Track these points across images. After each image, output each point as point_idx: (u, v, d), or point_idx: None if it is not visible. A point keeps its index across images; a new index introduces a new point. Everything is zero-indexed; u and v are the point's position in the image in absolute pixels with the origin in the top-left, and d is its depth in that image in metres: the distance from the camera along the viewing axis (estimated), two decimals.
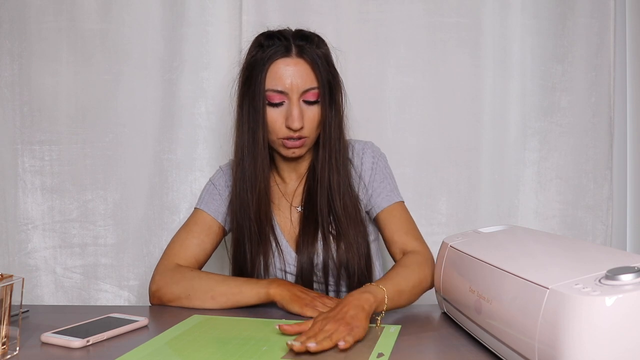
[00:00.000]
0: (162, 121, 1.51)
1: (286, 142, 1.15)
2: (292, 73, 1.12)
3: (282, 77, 1.12)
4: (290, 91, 1.12)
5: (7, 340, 0.79)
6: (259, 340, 0.86)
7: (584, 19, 1.52)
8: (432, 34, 1.51)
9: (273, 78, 1.12)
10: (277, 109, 1.13)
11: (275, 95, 1.12)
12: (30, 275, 1.50)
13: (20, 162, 1.51)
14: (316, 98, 1.14)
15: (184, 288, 1.10)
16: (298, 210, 1.22)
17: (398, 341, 0.85)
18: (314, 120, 1.15)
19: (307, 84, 1.13)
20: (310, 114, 1.14)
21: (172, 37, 1.50)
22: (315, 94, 1.14)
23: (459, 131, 1.52)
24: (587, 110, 1.53)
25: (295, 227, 1.21)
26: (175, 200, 1.51)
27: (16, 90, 1.51)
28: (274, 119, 1.14)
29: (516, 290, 0.71)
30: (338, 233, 1.17)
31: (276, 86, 1.12)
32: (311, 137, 1.17)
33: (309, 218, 1.19)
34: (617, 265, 0.63)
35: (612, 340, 0.57)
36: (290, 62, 1.13)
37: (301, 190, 1.24)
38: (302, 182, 1.24)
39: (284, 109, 1.13)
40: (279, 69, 1.12)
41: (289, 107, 1.13)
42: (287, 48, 1.13)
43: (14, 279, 0.79)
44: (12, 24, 1.50)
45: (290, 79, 1.12)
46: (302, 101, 1.13)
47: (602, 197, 1.53)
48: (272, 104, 1.13)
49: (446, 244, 0.99)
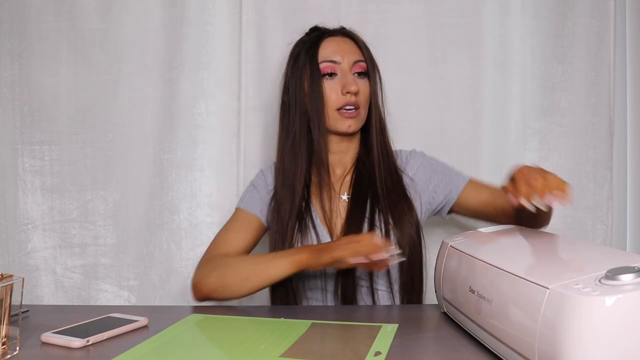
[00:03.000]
0: (162, 121, 1.51)
1: (343, 113, 1.21)
2: (342, 46, 1.24)
3: (335, 50, 1.23)
4: (342, 61, 1.22)
5: (7, 340, 0.79)
6: (257, 339, 0.86)
7: (584, 19, 1.52)
8: (432, 34, 1.51)
9: (326, 51, 1.23)
10: (331, 81, 1.22)
11: (329, 66, 1.22)
12: (30, 275, 1.50)
13: (20, 162, 1.51)
14: (365, 70, 1.24)
15: (218, 276, 1.10)
16: (344, 199, 1.24)
17: (398, 341, 0.85)
18: (365, 93, 1.24)
19: (356, 56, 1.24)
20: (363, 85, 1.23)
21: (172, 37, 1.50)
22: (364, 66, 1.24)
23: (459, 131, 1.52)
24: (587, 110, 1.53)
25: (341, 216, 1.22)
26: (175, 200, 1.51)
27: (16, 90, 1.50)
28: (329, 90, 1.21)
29: (516, 290, 0.71)
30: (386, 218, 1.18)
31: (329, 57, 1.22)
32: (363, 110, 1.24)
33: (357, 205, 1.21)
34: (617, 265, 0.63)
35: (612, 340, 0.57)
36: (337, 39, 1.26)
37: (349, 179, 1.26)
38: (350, 172, 1.27)
39: (338, 80, 1.21)
40: (329, 44, 1.24)
41: (342, 76, 1.22)
42: (333, 31, 1.28)
43: (14, 279, 0.79)
44: (12, 24, 1.49)
45: (342, 50, 1.23)
46: (354, 73, 1.23)
47: (602, 197, 1.53)
48: (327, 74, 1.21)
49: (446, 243, 0.99)
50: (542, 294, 0.64)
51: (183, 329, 0.92)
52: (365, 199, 1.21)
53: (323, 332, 0.92)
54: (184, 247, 1.50)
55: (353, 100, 1.20)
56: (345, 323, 0.96)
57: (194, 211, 1.51)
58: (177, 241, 1.50)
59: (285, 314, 1.00)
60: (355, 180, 1.25)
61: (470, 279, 0.85)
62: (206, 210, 1.51)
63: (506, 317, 0.73)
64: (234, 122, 1.51)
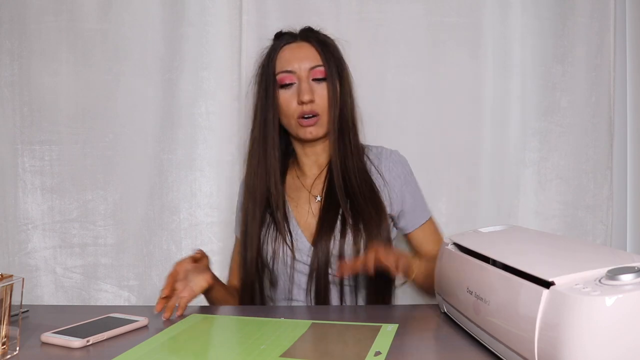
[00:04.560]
0: (162, 121, 1.51)
1: (301, 121, 1.20)
2: (298, 54, 1.22)
3: (290, 59, 1.22)
4: (299, 69, 1.21)
5: (7, 340, 0.79)
6: (258, 339, 0.86)
7: (584, 19, 1.52)
8: (432, 34, 1.51)
9: (281, 61, 1.22)
10: (289, 91, 1.21)
11: (285, 77, 1.21)
12: (30, 275, 1.50)
13: (20, 162, 1.51)
14: (324, 75, 1.21)
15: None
16: (317, 200, 1.24)
17: (398, 341, 0.85)
18: (324, 97, 1.21)
19: (313, 62, 1.22)
20: (321, 91, 1.21)
21: (172, 37, 1.50)
22: (322, 71, 1.22)
23: (459, 131, 1.52)
24: (587, 110, 1.53)
25: (314, 217, 1.22)
26: (175, 200, 1.51)
27: (16, 90, 1.51)
28: (287, 100, 1.21)
29: (516, 290, 0.71)
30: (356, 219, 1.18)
31: (284, 67, 1.21)
32: (324, 115, 1.22)
33: (329, 206, 1.21)
34: (617, 265, 0.63)
35: (612, 340, 0.57)
36: (295, 46, 1.24)
37: (322, 180, 1.26)
38: (323, 173, 1.27)
39: (295, 90, 1.20)
40: (286, 53, 1.23)
41: (298, 85, 1.21)
42: (293, 36, 1.26)
43: (14, 279, 0.79)
44: (12, 23, 1.50)
45: (297, 59, 1.21)
46: (312, 80, 1.21)
47: (602, 197, 1.53)
48: (283, 85, 1.21)
49: (445, 243, 0.99)
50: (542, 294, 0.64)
51: (183, 329, 0.92)
52: (337, 201, 1.21)
53: (323, 332, 0.92)
54: (184, 247, 1.50)
55: (309, 108, 1.19)
56: (346, 323, 0.96)
57: (194, 211, 1.51)
58: (177, 241, 1.50)
59: (286, 315, 1.00)
60: (328, 182, 1.25)
61: (468, 280, 0.85)
62: (206, 210, 1.51)
63: (506, 317, 0.72)
64: (234, 122, 1.51)
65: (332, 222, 1.19)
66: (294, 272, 1.19)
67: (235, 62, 1.51)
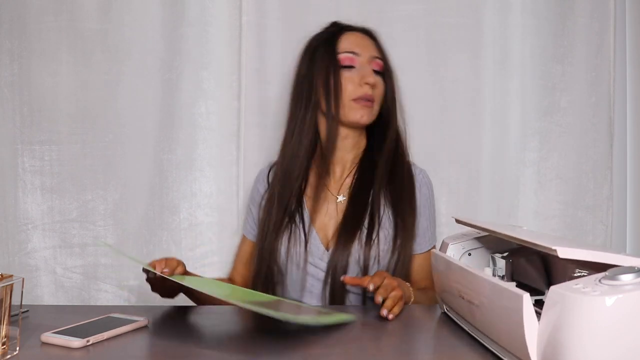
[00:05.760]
0: (162, 121, 1.51)
1: (358, 102, 1.20)
2: (362, 41, 1.25)
3: (356, 42, 1.24)
4: (363, 54, 1.22)
5: (7, 340, 0.79)
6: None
7: (584, 19, 1.52)
8: (432, 34, 1.51)
9: (346, 43, 1.23)
10: (348, 73, 1.21)
11: (349, 57, 1.21)
12: (30, 275, 1.50)
13: (20, 162, 1.51)
14: (382, 69, 1.23)
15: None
16: (339, 200, 1.23)
17: (398, 341, 0.85)
18: (381, 89, 1.23)
19: (374, 53, 1.25)
20: (379, 82, 1.23)
21: (172, 37, 1.50)
22: (381, 64, 1.24)
23: (459, 131, 1.52)
24: (587, 110, 1.53)
25: (332, 219, 1.21)
26: (175, 200, 1.51)
27: (16, 90, 1.50)
28: (346, 81, 1.20)
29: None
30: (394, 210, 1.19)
31: (350, 48, 1.22)
32: (376, 106, 1.23)
33: (355, 208, 1.19)
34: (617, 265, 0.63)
35: (612, 340, 0.57)
36: (358, 34, 1.26)
37: (349, 180, 1.25)
38: (351, 173, 1.26)
39: (355, 72, 1.21)
40: (349, 37, 1.25)
41: (361, 68, 1.22)
42: (354, 27, 1.28)
43: (14, 279, 0.79)
44: (12, 23, 1.49)
45: (362, 45, 1.23)
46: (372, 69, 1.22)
47: (602, 197, 1.53)
48: (345, 65, 1.21)
49: (446, 243, 0.99)
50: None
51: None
52: (365, 202, 1.19)
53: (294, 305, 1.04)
54: (184, 247, 1.50)
55: (370, 93, 1.20)
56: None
57: (194, 211, 1.51)
58: (177, 241, 1.50)
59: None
60: (357, 181, 1.24)
61: (460, 287, 0.84)
62: (206, 210, 1.51)
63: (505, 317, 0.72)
64: (234, 122, 1.51)
65: (357, 224, 1.17)
66: (306, 275, 1.18)
67: (235, 62, 1.51)
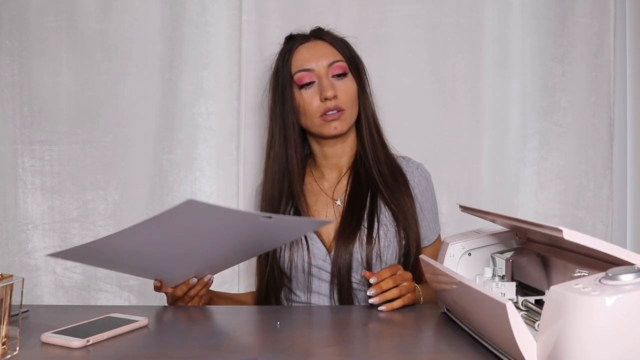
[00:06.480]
0: (162, 121, 1.51)
1: (326, 117, 1.18)
2: (315, 52, 1.21)
3: (307, 57, 1.21)
4: (317, 67, 1.20)
5: (7, 340, 0.79)
6: None
7: (584, 19, 1.52)
8: (432, 34, 1.51)
9: (298, 60, 1.21)
10: (309, 90, 1.19)
11: (303, 76, 1.19)
12: (30, 275, 1.50)
13: (20, 162, 1.51)
14: (344, 70, 1.20)
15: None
16: (337, 204, 1.23)
17: (398, 341, 0.85)
18: (347, 92, 1.20)
19: (331, 58, 1.21)
20: (342, 87, 1.20)
21: (172, 37, 1.50)
22: (342, 66, 1.21)
23: (459, 131, 1.52)
24: (587, 110, 1.53)
25: (336, 221, 1.21)
26: (175, 200, 1.51)
27: (16, 90, 1.50)
28: (308, 99, 1.19)
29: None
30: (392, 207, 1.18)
31: (302, 66, 1.20)
32: (348, 111, 1.20)
33: (352, 210, 1.19)
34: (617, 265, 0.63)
35: (612, 340, 0.57)
36: (310, 44, 1.23)
37: (344, 184, 1.25)
38: (346, 176, 1.26)
39: (315, 88, 1.19)
40: (302, 52, 1.22)
41: (319, 83, 1.19)
42: (306, 36, 1.25)
43: (14, 279, 0.79)
44: (12, 23, 1.49)
45: (315, 57, 1.20)
46: (332, 77, 1.19)
47: (602, 197, 1.53)
48: (302, 85, 1.19)
49: (446, 243, 0.99)
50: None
51: None
52: (362, 204, 1.19)
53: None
54: None
55: (333, 105, 1.18)
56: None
57: None
58: None
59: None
60: (352, 184, 1.24)
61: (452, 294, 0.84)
62: None
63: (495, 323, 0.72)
64: (234, 122, 1.51)
65: (356, 225, 1.17)
66: (311, 278, 1.18)
67: (235, 62, 1.51)
